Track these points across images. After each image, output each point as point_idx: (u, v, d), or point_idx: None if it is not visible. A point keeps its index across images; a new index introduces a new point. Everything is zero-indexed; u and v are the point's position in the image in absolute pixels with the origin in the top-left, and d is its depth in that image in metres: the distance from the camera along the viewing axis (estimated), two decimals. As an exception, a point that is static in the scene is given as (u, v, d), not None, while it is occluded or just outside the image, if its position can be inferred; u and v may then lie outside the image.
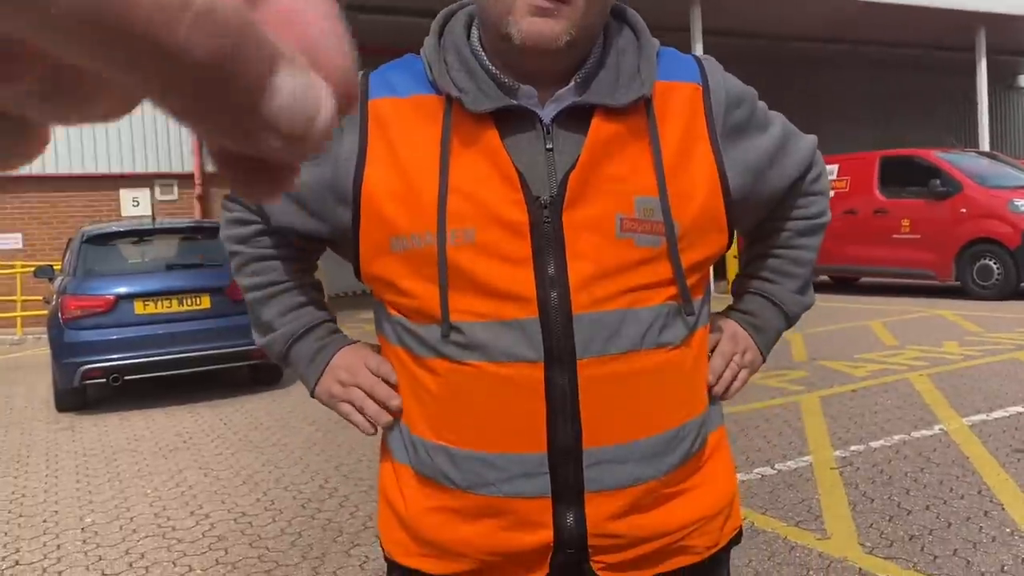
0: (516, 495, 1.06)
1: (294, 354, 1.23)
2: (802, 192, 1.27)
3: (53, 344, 7.10)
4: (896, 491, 3.96)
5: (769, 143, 1.19)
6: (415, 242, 1.05)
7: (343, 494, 4.44)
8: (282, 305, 1.23)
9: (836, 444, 4.78)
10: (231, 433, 6.00)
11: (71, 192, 14.04)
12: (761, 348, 1.28)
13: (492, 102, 1.05)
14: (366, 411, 1.17)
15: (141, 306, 7.07)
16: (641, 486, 1.08)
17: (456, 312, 1.05)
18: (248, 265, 1.24)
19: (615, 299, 1.05)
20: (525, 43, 1.02)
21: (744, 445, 4.79)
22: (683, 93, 1.11)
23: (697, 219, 1.08)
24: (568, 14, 1.01)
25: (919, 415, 5.30)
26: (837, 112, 20.74)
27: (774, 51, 17.97)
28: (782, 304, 1.29)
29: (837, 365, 7.08)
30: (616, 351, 1.05)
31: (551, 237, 1.04)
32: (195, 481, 4.85)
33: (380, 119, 1.09)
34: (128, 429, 6.35)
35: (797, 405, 5.75)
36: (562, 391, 1.04)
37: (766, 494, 4.01)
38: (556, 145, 1.06)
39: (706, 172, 1.09)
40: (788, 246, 1.29)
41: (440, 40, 1.12)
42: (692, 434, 1.12)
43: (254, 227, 1.23)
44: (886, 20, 15.98)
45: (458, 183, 1.04)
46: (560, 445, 1.05)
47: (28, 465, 5.43)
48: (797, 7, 14.64)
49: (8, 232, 13.72)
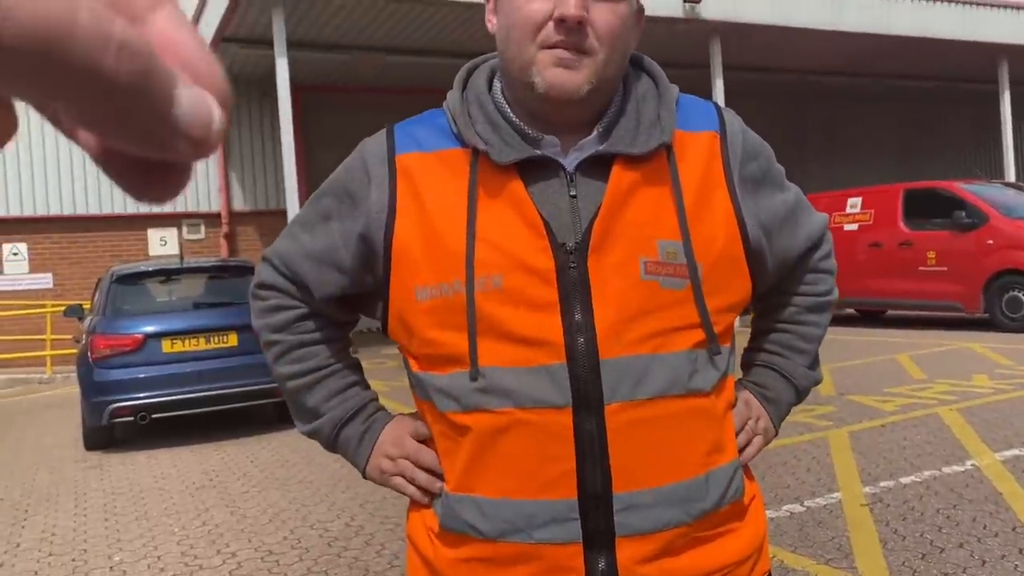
0: (547, 541, 1.06)
1: (343, 438, 1.23)
2: (811, 267, 1.28)
3: (82, 383, 7.19)
4: (928, 528, 3.89)
5: (782, 205, 1.21)
6: (443, 291, 1.07)
7: (369, 532, 4.43)
8: (327, 390, 1.23)
9: (866, 480, 4.71)
10: (257, 471, 6.03)
11: (100, 232, 14.28)
12: (774, 419, 1.27)
13: (517, 153, 1.08)
14: (417, 481, 1.17)
15: (169, 344, 7.16)
16: (672, 530, 1.08)
17: (484, 358, 1.06)
18: (289, 353, 1.23)
19: (642, 343, 1.06)
20: (548, 93, 1.05)
21: (773, 482, 4.74)
22: (701, 141, 1.13)
23: (719, 262, 1.10)
24: (589, 65, 1.05)
25: (950, 450, 5.22)
26: (859, 145, 20.71)
27: (795, 85, 18.02)
28: (792, 378, 1.29)
29: (865, 400, 7.00)
30: (644, 396, 1.05)
31: (577, 283, 1.05)
32: (222, 519, 4.87)
33: (408, 173, 1.11)
34: (155, 467, 6.39)
35: (826, 441, 5.69)
36: (590, 436, 1.05)
37: (796, 532, 3.96)
38: (579, 192, 1.09)
39: (725, 217, 1.11)
40: (797, 321, 1.30)
41: (463, 93, 1.15)
42: (725, 479, 1.12)
43: (295, 312, 1.23)
44: (907, 53, 15.99)
45: (485, 232, 1.06)
46: (590, 490, 1.06)
47: (58, 504, 5.48)
48: (817, 41, 14.70)
49: (38, 272, 13.95)
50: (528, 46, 1.05)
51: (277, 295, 1.24)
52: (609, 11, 1.05)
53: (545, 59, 1.04)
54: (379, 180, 1.12)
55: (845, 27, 14.16)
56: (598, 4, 1.05)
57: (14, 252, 13.86)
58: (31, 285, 13.89)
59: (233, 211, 15.03)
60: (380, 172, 1.13)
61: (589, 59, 1.05)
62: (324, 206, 1.20)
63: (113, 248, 14.29)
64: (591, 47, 1.05)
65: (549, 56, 1.04)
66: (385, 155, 1.14)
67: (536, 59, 1.05)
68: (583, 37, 1.04)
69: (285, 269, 1.23)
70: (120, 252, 14.22)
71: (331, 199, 1.19)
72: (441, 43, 13.55)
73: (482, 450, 1.08)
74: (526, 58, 1.06)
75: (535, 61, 1.05)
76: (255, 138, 15.34)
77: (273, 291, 1.25)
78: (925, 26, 14.87)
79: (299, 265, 1.21)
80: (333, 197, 1.19)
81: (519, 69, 1.07)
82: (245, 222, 15.18)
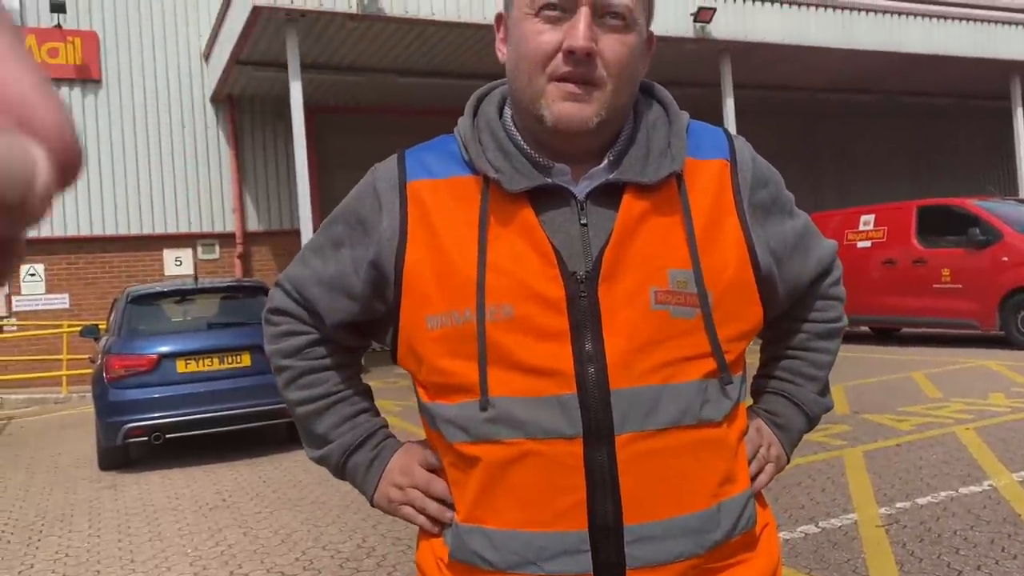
0: (558, 573, 1.05)
1: (351, 465, 1.23)
2: (821, 294, 1.28)
3: (97, 403, 7.23)
4: (945, 550, 3.85)
5: (792, 232, 1.21)
6: (454, 319, 1.07)
7: (381, 553, 4.42)
8: (337, 416, 1.23)
9: (881, 501, 4.67)
10: (270, 491, 6.03)
11: (115, 253, 14.40)
12: (785, 447, 1.27)
13: (528, 181, 1.08)
14: (428, 511, 1.16)
15: (183, 364, 7.19)
16: (683, 562, 1.07)
17: (494, 388, 1.05)
18: (299, 379, 1.23)
19: (653, 373, 1.05)
20: (557, 126, 1.06)
21: (787, 502, 4.71)
22: (712, 169, 1.14)
23: (730, 290, 1.10)
24: (598, 97, 1.05)
25: (967, 470, 5.17)
26: (871, 162, 20.67)
27: (806, 103, 18.02)
28: (803, 405, 1.28)
29: (880, 419, 6.95)
30: (655, 427, 1.05)
31: (587, 312, 1.05)
32: (235, 540, 4.87)
33: (419, 200, 1.12)
34: (169, 487, 6.41)
35: (840, 460, 5.65)
36: (601, 467, 1.04)
37: (810, 553, 3.93)
38: (590, 221, 1.09)
39: (735, 244, 1.11)
40: (807, 348, 1.29)
41: (474, 120, 1.16)
42: (737, 509, 1.11)
43: (305, 338, 1.23)
44: (919, 70, 15.98)
45: (495, 260, 1.06)
46: (600, 522, 1.05)
47: (72, 524, 5.49)
48: (828, 59, 14.72)
49: (55, 292, 14.07)
50: (537, 78, 1.06)
51: (288, 320, 1.25)
52: (618, 42, 1.06)
53: (554, 92, 1.05)
54: (390, 207, 1.13)
55: (856, 45, 14.18)
56: (607, 35, 1.05)
57: (31, 272, 13.99)
58: (48, 305, 14.00)
59: (247, 231, 15.13)
60: (391, 199, 1.13)
61: (598, 91, 1.05)
62: (335, 232, 1.20)
63: (128, 268, 14.40)
64: (600, 78, 1.05)
65: (558, 90, 1.05)
66: (396, 182, 1.14)
67: (545, 91, 1.06)
68: (592, 68, 1.05)
69: (296, 295, 1.23)
70: (135, 272, 14.33)
71: (342, 225, 1.19)
72: (452, 65, 13.65)
73: (492, 481, 1.07)
74: (535, 90, 1.06)
75: (544, 93, 1.06)
76: (269, 159, 15.46)
77: (284, 316, 1.25)
78: (937, 43, 14.88)
79: (310, 291, 1.21)
80: (344, 224, 1.19)
81: (529, 100, 1.08)
82: (259, 242, 15.27)
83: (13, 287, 13.89)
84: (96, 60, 14.34)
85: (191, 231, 14.82)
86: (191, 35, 14.95)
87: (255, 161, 15.37)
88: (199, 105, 14.98)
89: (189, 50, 14.94)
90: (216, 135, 15.06)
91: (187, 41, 14.94)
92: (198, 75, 14.96)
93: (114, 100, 14.49)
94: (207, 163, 14.98)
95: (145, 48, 14.67)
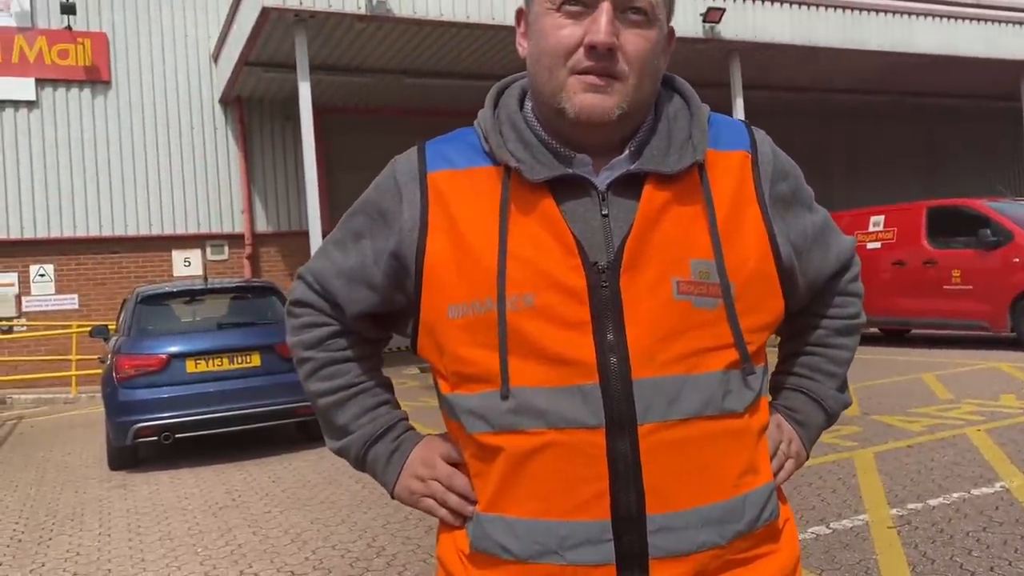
0: (580, 563, 1.05)
1: (371, 456, 1.22)
2: (840, 290, 1.28)
3: (107, 403, 7.25)
4: (958, 551, 3.83)
5: (811, 226, 1.21)
6: (475, 308, 1.07)
7: (391, 553, 4.42)
8: (358, 407, 1.23)
9: (893, 502, 4.65)
10: (279, 491, 6.04)
11: (124, 253, 14.46)
12: (805, 442, 1.27)
13: (549, 171, 1.08)
14: (448, 504, 1.16)
15: (193, 364, 7.21)
16: (706, 552, 1.07)
17: (516, 378, 1.05)
18: (321, 370, 1.23)
19: (675, 364, 1.05)
20: (579, 118, 1.06)
21: (797, 504, 4.69)
22: (733, 160, 1.14)
23: (752, 280, 1.10)
24: (620, 89, 1.06)
25: (979, 472, 5.14)
26: (880, 163, 20.60)
27: (815, 104, 17.98)
28: (822, 401, 1.28)
29: (891, 420, 6.92)
30: (677, 417, 1.05)
31: (609, 302, 1.05)
32: (244, 539, 4.88)
33: (439, 191, 1.12)
34: (179, 487, 6.42)
35: (851, 462, 5.62)
36: (624, 457, 1.04)
37: (821, 554, 3.91)
38: (611, 211, 1.09)
39: (757, 235, 1.11)
40: (826, 344, 1.29)
41: (495, 112, 1.16)
42: (760, 501, 1.11)
43: (327, 329, 1.23)
44: (930, 71, 15.92)
45: (516, 250, 1.06)
46: (623, 512, 1.05)
47: (82, 524, 5.51)
48: (838, 60, 14.67)
49: (65, 293, 14.13)
50: (559, 71, 1.06)
51: (310, 312, 1.25)
52: (639, 37, 1.06)
53: (575, 85, 1.05)
54: (410, 198, 1.13)
55: (865, 45, 14.14)
56: (628, 30, 1.05)
57: (40, 273, 14.05)
58: (57, 306, 14.06)
59: (256, 232, 15.16)
60: (411, 190, 1.13)
61: (620, 84, 1.05)
62: (356, 224, 1.21)
63: (138, 269, 14.46)
64: (621, 72, 1.05)
65: (579, 82, 1.05)
66: (416, 173, 1.14)
67: (566, 85, 1.06)
68: (614, 63, 1.05)
69: (318, 286, 1.24)
70: (145, 273, 14.39)
71: (363, 217, 1.20)
72: (460, 66, 13.66)
73: (514, 471, 1.07)
74: (556, 83, 1.07)
75: (565, 87, 1.06)
76: (278, 160, 15.50)
77: (306, 308, 1.25)
78: (947, 44, 14.82)
79: (331, 283, 1.22)
80: (365, 215, 1.20)
81: (550, 94, 1.08)
82: (268, 243, 15.31)
83: (23, 288, 13.96)
84: (106, 61, 14.40)
85: (200, 232, 14.87)
86: (200, 36, 15.00)
87: (264, 162, 15.41)
88: (208, 106, 15.02)
89: (198, 51, 14.99)
90: (225, 136, 15.11)
91: (196, 42, 14.99)
92: (207, 76, 15.01)
93: (123, 101, 14.54)
94: (216, 164, 15.02)
95: (155, 49, 14.73)
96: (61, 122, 14.17)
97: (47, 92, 14.13)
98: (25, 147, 13.96)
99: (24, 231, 13.94)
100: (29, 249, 13.95)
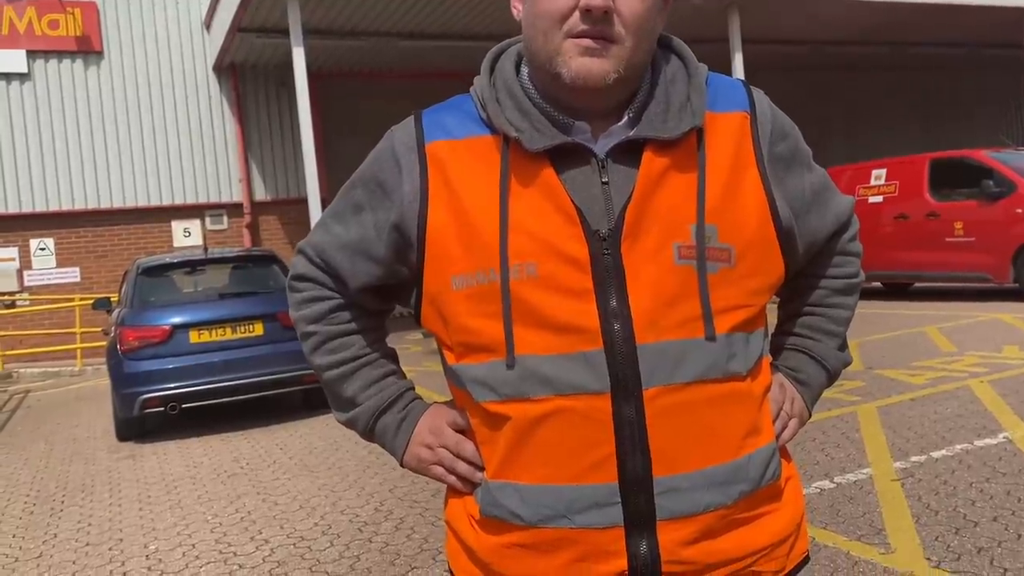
0: (588, 526, 1.07)
1: (380, 427, 1.23)
2: (839, 250, 1.28)
3: (112, 374, 7.29)
4: (961, 502, 3.86)
5: (809, 186, 1.21)
6: (479, 279, 1.07)
7: (399, 516, 4.47)
8: (364, 379, 1.23)
9: (896, 455, 4.68)
10: (287, 458, 6.09)
11: (124, 225, 14.43)
12: (807, 402, 1.28)
13: (547, 140, 1.07)
14: (458, 470, 1.17)
15: (196, 335, 7.23)
16: (712, 512, 1.08)
17: (520, 346, 1.06)
18: (326, 344, 1.24)
19: (678, 328, 1.06)
20: (575, 82, 1.05)
21: (802, 459, 4.72)
22: (732, 121, 1.13)
23: (752, 243, 1.10)
24: (616, 53, 1.04)
25: (982, 423, 5.17)
26: (881, 115, 20.43)
27: (815, 57, 17.78)
28: (824, 360, 1.29)
29: (894, 373, 6.95)
30: (682, 380, 1.06)
31: (611, 269, 1.05)
32: (254, 506, 4.93)
33: (438, 161, 1.11)
34: (187, 456, 6.47)
35: (854, 416, 5.65)
36: (630, 421, 1.05)
37: (826, 508, 3.94)
38: (611, 179, 1.08)
39: (756, 198, 1.11)
40: (826, 304, 1.29)
41: (491, 79, 1.15)
42: (763, 461, 1.13)
43: (330, 303, 1.24)
44: (928, 21, 15.71)
45: (518, 220, 1.06)
46: (630, 475, 1.06)
47: (93, 494, 5.56)
48: (838, 10, 14.48)
49: (66, 266, 14.13)
50: (554, 35, 1.05)
51: (312, 286, 1.25)
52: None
53: (571, 48, 1.04)
54: (409, 169, 1.12)
55: (865, -4, 13.93)
56: None
57: (41, 247, 14.04)
58: (59, 279, 14.07)
59: (255, 201, 15.12)
60: (410, 161, 1.13)
61: (616, 47, 1.04)
62: (356, 197, 1.20)
63: (138, 241, 14.45)
64: (618, 35, 1.04)
65: (575, 45, 1.04)
66: (414, 144, 1.13)
67: (562, 48, 1.05)
68: (609, 26, 1.04)
69: (319, 260, 1.24)
70: (145, 244, 14.37)
71: (362, 190, 1.19)
72: (456, 27, 13.49)
73: (521, 438, 1.08)
74: (552, 47, 1.06)
75: (561, 51, 1.05)
76: (274, 128, 15.39)
77: (308, 282, 1.25)
78: (948, -9, 14.59)
79: (332, 256, 1.22)
80: (364, 188, 1.19)
81: (545, 58, 1.07)
82: (267, 211, 15.27)
83: (24, 262, 13.96)
84: (97, 31, 14.24)
85: (198, 202, 14.82)
86: (191, 3, 14.81)
87: (260, 130, 15.31)
88: (202, 74, 14.89)
89: (190, 18, 14.82)
90: (220, 104, 14.99)
91: (187, 9, 14.81)
92: (200, 44, 14.85)
93: (116, 71, 14.41)
94: (212, 133, 14.92)
95: (145, 17, 14.55)
96: (55, 94, 14.06)
97: (39, 64, 14.00)
98: (20, 120, 13.87)
99: (23, 205, 13.90)
100: (28, 223, 13.93)
